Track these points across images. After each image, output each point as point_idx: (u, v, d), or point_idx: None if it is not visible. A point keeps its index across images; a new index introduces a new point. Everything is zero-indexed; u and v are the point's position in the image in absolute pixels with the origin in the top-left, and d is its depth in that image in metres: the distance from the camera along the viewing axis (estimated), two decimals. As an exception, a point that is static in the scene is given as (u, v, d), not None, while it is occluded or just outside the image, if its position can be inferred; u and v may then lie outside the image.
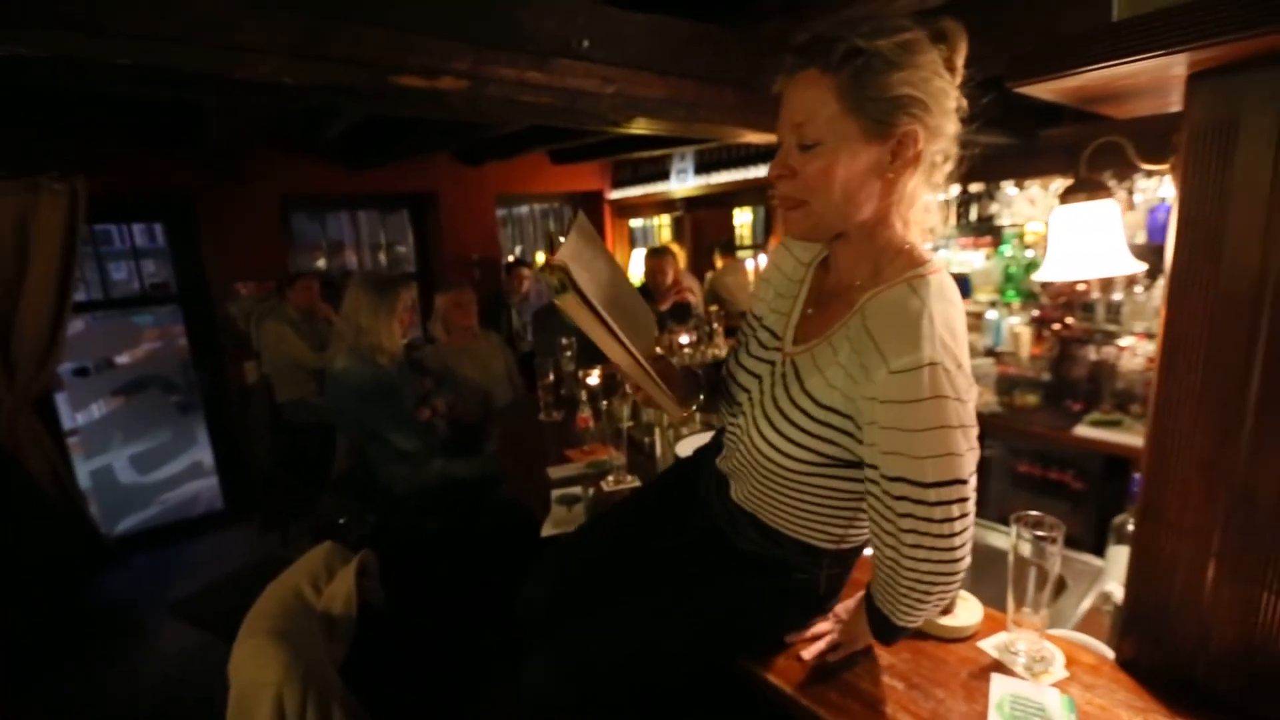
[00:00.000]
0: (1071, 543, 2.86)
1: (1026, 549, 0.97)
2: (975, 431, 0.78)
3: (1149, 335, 2.83)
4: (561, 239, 1.19)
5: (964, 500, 0.78)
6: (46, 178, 2.56)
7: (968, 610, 1.10)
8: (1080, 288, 2.82)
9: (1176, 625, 0.93)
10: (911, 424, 0.74)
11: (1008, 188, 3.19)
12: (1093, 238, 1.00)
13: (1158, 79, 0.86)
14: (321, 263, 5.18)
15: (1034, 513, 0.98)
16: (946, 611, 1.07)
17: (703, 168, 4.91)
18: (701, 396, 1.07)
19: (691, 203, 5.21)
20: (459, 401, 2.72)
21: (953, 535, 0.78)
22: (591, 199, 5.75)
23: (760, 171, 4.40)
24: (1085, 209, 1.01)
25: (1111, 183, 2.83)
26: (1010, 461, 2.96)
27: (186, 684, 2.39)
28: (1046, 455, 2.85)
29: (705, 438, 1.31)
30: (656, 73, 1.41)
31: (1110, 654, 1.06)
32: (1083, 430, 2.64)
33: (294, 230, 4.49)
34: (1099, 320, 2.89)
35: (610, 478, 1.86)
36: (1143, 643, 0.98)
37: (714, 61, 1.62)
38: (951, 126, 0.78)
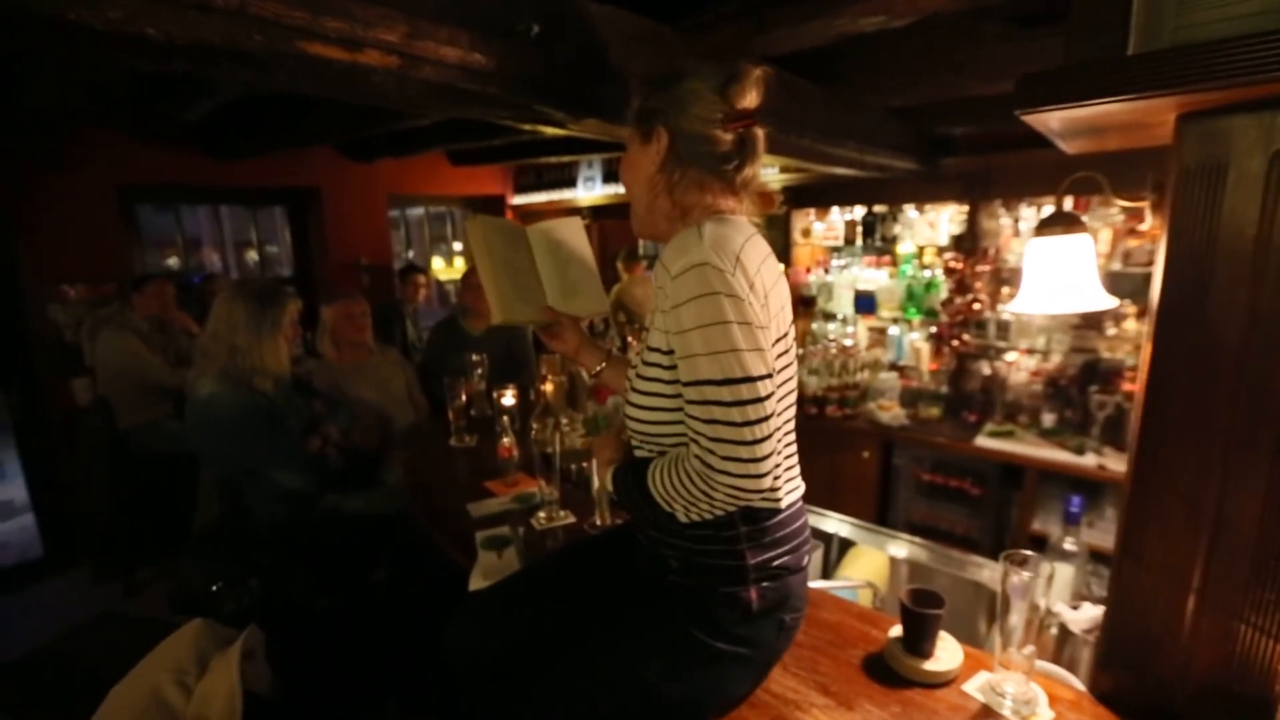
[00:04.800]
0: (969, 545, 3.06)
1: (1016, 589, 0.94)
2: (765, 334, 0.85)
3: (1030, 351, 3.10)
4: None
5: (757, 400, 0.82)
6: None
7: (949, 653, 1.06)
8: (975, 306, 3.03)
9: (1157, 658, 0.93)
10: (696, 320, 0.82)
11: (909, 210, 3.38)
12: (1067, 272, 1.01)
13: (1144, 117, 0.86)
14: (174, 261, 4.52)
15: (1024, 551, 0.96)
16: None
17: (611, 176, 4.79)
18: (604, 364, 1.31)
19: (599, 211, 5.08)
20: (354, 427, 2.40)
21: (749, 425, 0.82)
22: (492, 204, 5.46)
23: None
24: (1061, 242, 1.01)
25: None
26: (915, 470, 3.11)
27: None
28: (947, 464, 3.02)
29: None
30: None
31: (1079, 685, 1.06)
32: (983, 441, 2.83)
33: (140, 225, 3.83)
34: (990, 337, 3.12)
35: (542, 514, 1.68)
36: (1121, 676, 0.98)
37: (653, 62, 1.52)
38: (702, 127, 0.92)
